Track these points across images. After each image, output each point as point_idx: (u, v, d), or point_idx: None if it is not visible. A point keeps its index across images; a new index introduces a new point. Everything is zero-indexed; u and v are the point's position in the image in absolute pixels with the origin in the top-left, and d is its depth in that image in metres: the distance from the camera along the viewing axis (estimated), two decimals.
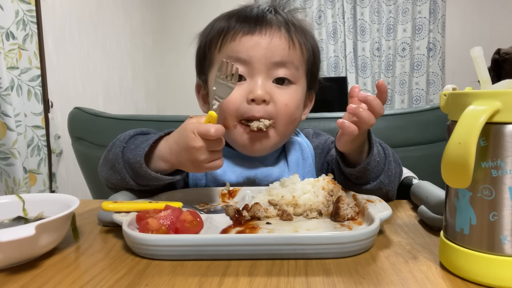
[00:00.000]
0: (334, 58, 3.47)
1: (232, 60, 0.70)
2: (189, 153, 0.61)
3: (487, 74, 0.41)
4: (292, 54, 0.73)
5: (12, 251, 0.44)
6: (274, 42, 0.71)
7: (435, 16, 3.29)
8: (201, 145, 0.60)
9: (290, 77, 0.73)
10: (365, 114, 0.60)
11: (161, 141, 0.66)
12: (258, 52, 0.70)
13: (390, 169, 0.68)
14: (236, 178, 0.76)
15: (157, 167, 0.66)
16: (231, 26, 0.73)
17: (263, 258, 0.46)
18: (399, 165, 0.74)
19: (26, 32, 1.95)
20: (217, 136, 0.60)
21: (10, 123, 1.75)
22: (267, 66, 0.71)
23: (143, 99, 3.24)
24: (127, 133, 0.71)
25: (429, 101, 3.36)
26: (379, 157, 0.67)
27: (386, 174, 0.68)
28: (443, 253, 0.43)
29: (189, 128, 0.61)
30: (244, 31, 0.71)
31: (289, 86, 0.74)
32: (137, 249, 0.48)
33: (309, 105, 0.84)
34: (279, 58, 0.71)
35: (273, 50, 0.71)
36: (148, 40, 3.31)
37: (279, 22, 0.73)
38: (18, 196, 0.58)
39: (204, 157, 0.61)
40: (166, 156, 0.65)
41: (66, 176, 2.23)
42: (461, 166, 0.36)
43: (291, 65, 0.73)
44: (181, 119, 1.20)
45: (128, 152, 0.66)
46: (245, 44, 0.71)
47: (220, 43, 0.73)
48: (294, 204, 0.60)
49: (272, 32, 0.72)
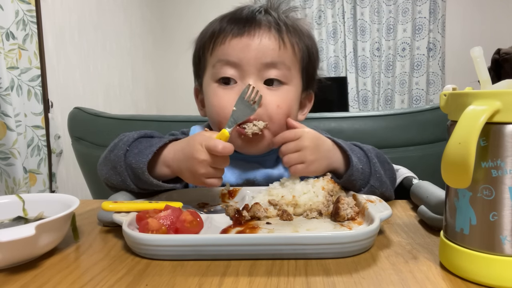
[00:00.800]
0: (334, 58, 3.47)
1: (223, 63, 0.71)
2: (191, 163, 0.62)
3: (487, 74, 0.41)
4: (283, 55, 0.72)
5: (12, 251, 0.44)
6: (263, 43, 0.70)
7: (435, 16, 3.29)
8: (205, 158, 0.61)
9: (281, 78, 0.72)
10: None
11: (166, 146, 0.67)
12: (248, 54, 0.70)
13: (377, 171, 0.68)
14: (235, 180, 0.76)
15: (159, 172, 0.66)
16: (222, 28, 0.72)
17: (263, 258, 0.46)
18: (388, 163, 0.73)
19: (26, 32, 1.95)
20: (224, 153, 0.60)
21: (10, 123, 1.75)
22: (258, 68, 0.70)
23: (143, 99, 3.24)
24: (131, 135, 0.70)
25: (429, 101, 3.36)
26: (362, 164, 0.67)
27: (374, 177, 0.67)
28: (443, 253, 0.43)
29: (197, 140, 0.62)
30: (233, 33, 0.71)
31: (280, 87, 0.72)
32: (137, 249, 0.48)
33: (308, 105, 0.83)
34: (269, 59, 0.70)
35: (263, 51, 0.70)
36: (148, 40, 3.31)
37: (269, 22, 0.72)
38: (18, 196, 0.58)
39: (204, 171, 0.61)
40: (169, 162, 0.65)
41: (66, 176, 2.23)
42: (461, 166, 0.36)
43: (282, 65, 0.72)
44: (181, 119, 1.21)
45: (131, 156, 0.66)
46: (235, 47, 0.70)
47: (212, 46, 0.73)
48: (294, 204, 0.60)
49: (261, 33, 0.71)
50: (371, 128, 1.14)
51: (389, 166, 0.73)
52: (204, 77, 0.77)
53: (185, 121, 1.19)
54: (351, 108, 3.40)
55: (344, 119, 1.16)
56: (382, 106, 3.47)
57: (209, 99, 0.74)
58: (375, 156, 0.70)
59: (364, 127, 1.15)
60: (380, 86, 3.45)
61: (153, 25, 3.39)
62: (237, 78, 0.71)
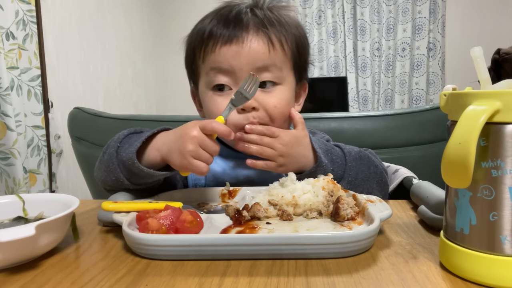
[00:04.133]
0: (334, 58, 3.47)
1: (215, 71, 0.72)
2: (181, 141, 0.62)
3: (487, 74, 0.41)
4: (274, 57, 0.72)
5: (12, 251, 0.44)
6: (253, 48, 0.71)
7: (435, 16, 3.29)
8: (196, 135, 0.61)
9: (274, 79, 0.73)
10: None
11: (156, 136, 0.67)
12: (239, 61, 0.71)
13: (350, 174, 0.71)
14: (236, 178, 0.76)
15: (149, 158, 0.66)
16: (210, 34, 0.72)
17: (263, 258, 0.46)
18: (376, 167, 0.74)
19: (26, 32, 1.95)
20: (217, 130, 0.61)
21: (10, 123, 1.75)
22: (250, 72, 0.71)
23: (143, 99, 3.24)
24: (121, 133, 0.71)
25: (429, 101, 3.36)
26: (334, 166, 0.70)
27: (346, 181, 0.70)
28: (443, 253, 0.43)
29: (193, 121, 0.64)
30: (222, 40, 0.71)
31: (274, 88, 0.74)
32: (137, 249, 0.48)
33: (303, 95, 0.84)
34: (260, 63, 0.71)
35: (253, 56, 0.71)
36: (148, 40, 3.31)
37: (256, 23, 0.72)
38: (18, 196, 0.58)
39: (193, 148, 0.61)
40: (159, 145, 0.65)
41: (66, 176, 2.23)
42: (461, 166, 0.36)
43: (273, 67, 0.73)
44: (181, 119, 1.21)
45: (122, 151, 0.66)
46: (225, 55, 0.71)
47: (202, 54, 0.74)
48: (294, 204, 0.60)
49: (250, 38, 0.71)
50: (371, 128, 1.14)
51: (375, 170, 0.74)
52: (200, 83, 0.78)
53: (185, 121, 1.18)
54: (351, 108, 3.40)
55: (344, 119, 1.16)
56: (382, 106, 3.47)
57: (207, 105, 0.76)
58: (357, 160, 0.73)
59: (364, 127, 1.15)
60: (380, 86, 3.45)
61: (153, 25, 3.39)
62: (231, 85, 0.73)
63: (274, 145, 0.68)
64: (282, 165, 0.69)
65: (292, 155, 0.69)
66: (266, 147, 0.68)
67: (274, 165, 0.69)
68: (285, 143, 0.69)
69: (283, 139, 0.69)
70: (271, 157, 0.69)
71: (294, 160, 0.70)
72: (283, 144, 0.69)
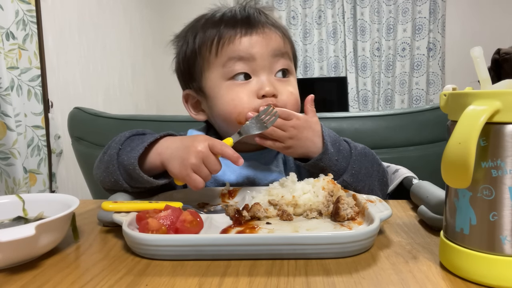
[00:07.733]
0: (334, 58, 3.47)
1: (235, 60, 0.73)
2: (186, 151, 0.62)
3: (487, 74, 0.41)
4: (287, 46, 0.78)
5: (12, 251, 0.44)
6: (270, 36, 0.75)
7: (435, 16, 3.29)
8: (202, 150, 0.61)
9: (288, 67, 0.78)
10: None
11: (159, 141, 0.67)
12: (260, 49, 0.74)
13: (354, 167, 0.71)
14: (236, 178, 0.76)
15: (151, 162, 0.66)
16: (224, 31, 0.74)
17: (263, 258, 0.46)
18: (379, 165, 0.75)
19: (26, 32, 1.95)
20: (226, 154, 0.61)
21: (10, 123, 1.75)
22: (269, 60, 0.75)
23: (143, 99, 3.24)
24: (123, 134, 0.71)
25: (429, 101, 3.36)
26: (339, 156, 0.71)
27: (349, 173, 0.70)
28: (443, 253, 0.43)
29: (204, 136, 0.65)
30: (241, 32, 0.74)
31: (289, 78, 0.78)
32: (137, 249, 0.48)
33: None
34: (278, 50, 0.76)
35: (271, 44, 0.75)
36: (148, 40, 3.31)
37: (265, 20, 0.77)
38: (18, 196, 0.58)
39: (195, 161, 0.61)
40: (162, 149, 0.65)
41: (66, 176, 2.23)
42: (461, 166, 0.36)
43: (287, 56, 0.78)
44: (181, 119, 1.21)
45: (124, 154, 0.66)
46: (245, 44, 0.74)
47: (216, 48, 0.75)
48: (294, 204, 0.60)
49: (265, 30, 0.75)
50: (371, 128, 1.14)
51: (378, 168, 0.75)
52: (208, 79, 0.77)
53: (185, 121, 1.19)
54: (351, 108, 3.40)
55: (344, 119, 1.16)
56: (382, 106, 3.47)
57: (224, 96, 0.75)
58: (362, 155, 0.73)
59: (364, 127, 1.15)
60: (380, 86, 3.45)
61: (153, 25, 3.39)
62: (250, 73, 0.74)
63: (286, 127, 0.69)
64: (289, 147, 0.70)
65: (301, 139, 0.70)
66: (277, 128, 0.69)
67: (281, 146, 0.70)
68: (297, 126, 0.70)
69: (295, 122, 0.70)
70: (281, 138, 0.70)
71: (302, 144, 0.70)
72: (295, 127, 0.70)
